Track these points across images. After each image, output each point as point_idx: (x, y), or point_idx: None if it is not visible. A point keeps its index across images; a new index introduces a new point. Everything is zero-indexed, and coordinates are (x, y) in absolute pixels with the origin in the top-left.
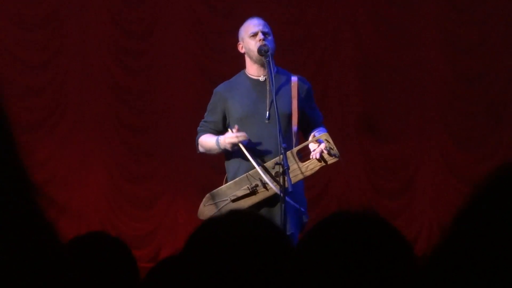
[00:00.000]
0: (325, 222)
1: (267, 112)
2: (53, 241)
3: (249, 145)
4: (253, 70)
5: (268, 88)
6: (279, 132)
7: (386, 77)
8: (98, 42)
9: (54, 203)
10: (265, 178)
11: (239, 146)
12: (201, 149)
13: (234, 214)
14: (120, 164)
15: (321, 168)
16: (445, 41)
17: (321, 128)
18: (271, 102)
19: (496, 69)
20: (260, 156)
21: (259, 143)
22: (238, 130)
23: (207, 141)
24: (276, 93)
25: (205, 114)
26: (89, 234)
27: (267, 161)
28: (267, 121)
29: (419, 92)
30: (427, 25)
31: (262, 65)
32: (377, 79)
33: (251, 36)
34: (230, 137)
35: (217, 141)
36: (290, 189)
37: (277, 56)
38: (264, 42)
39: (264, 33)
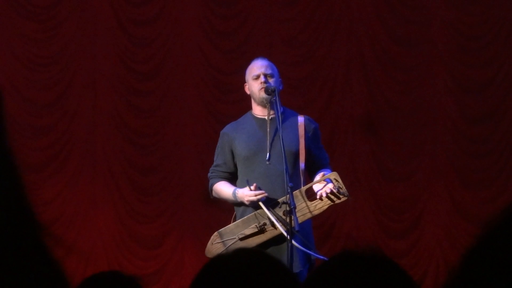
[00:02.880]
0: (332, 262)
1: (267, 154)
2: (59, 280)
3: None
4: (258, 110)
5: (268, 130)
6: (285, 171)
7: (394, 117)
8: (106, 81)
9: (61, 242)
10: (272, 218)
11: (257, 202)
12: (215, 195)
13: (241, 253)
14: (127, 204)
15: (330, 207)
16: (453, 82)
17: (327, 169)
18: (272, 143)
19: (503, 110)
20: (267, 195)
21: (266, 182)
22: (256, 188)
23: (223, 190)
24: (283, 132)
25: (214, 158)
26: (103, 273)
27: (274, 200)
28: (267, 163)
29: (427, 132)
30: (436, 66)
31: (265, 106)
32: (386, 119)
33: (254, 78)
34: (249, 195)
35: (234, 194)
36: (296, 228)
37: (285, 94)
38: (265, 85)
39: (266, 75)
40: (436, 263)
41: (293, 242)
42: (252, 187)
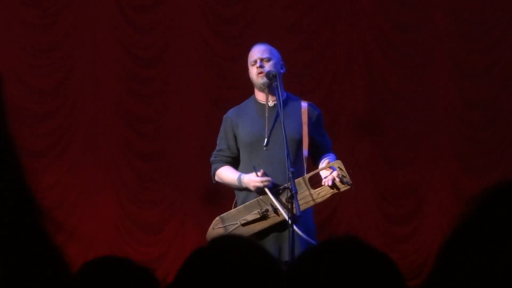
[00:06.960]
0: (314, 249)
1: (265, 140)
2: (60, 266)
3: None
4: (260, 96)
5: (267, 115)
6: (287, 157)
7: (395, 104)
8: (107, 68)
9: (62, 228)
10: (276, 203)
11: (263, 188)
12: (217, 180)
13: (220, 241)
14: (129, 189)
15: (333, 195)
16: (454, 68)
17: (331, 155)
18: (272, 129)
19: (504, 96)
20: (273, 181)
21: (268, 169)
22: (263, 174)
23: (228, 175)
24: (286, 118)
25: (217, 142)
26: (115, 258)
27: (276, 186)
28: (265, 148)
29: (429, 118)
30: (437, 53)
31: (264, 92)
32: (387, 106)
33: (252, 64)
34: (255, 181)
35: (240, 179)
36: (298, 214)
37: (288, 80)
38: (261, 70)
39: (262, 60)
40: (437, 249)
41: (295, 228)
42: (259, 173)
